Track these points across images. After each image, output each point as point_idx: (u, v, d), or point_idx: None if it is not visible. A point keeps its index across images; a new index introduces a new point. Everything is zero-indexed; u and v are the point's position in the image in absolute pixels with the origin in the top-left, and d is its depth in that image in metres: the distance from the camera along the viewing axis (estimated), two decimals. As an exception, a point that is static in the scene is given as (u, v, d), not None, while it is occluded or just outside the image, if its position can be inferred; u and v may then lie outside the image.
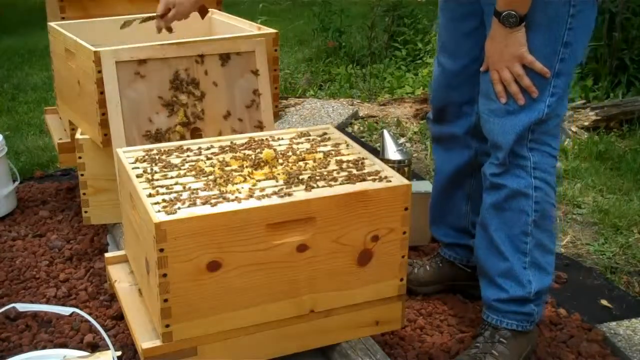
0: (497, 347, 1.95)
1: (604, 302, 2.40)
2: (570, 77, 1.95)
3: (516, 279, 1.94)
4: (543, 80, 1.86)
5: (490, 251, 1.98)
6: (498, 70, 1.88)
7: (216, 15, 2.81)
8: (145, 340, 1.63)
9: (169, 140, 2.21)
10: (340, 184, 1.68)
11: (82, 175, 2.38)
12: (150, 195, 1.62)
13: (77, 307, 2.20)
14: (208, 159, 1.83)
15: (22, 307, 1.78)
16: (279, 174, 1.72)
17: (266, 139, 1.96)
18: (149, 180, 1.70)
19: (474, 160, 2.19)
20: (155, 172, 1.75)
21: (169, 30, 2.36)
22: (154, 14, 2.32)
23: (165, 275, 1.53)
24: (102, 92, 2.18)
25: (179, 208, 1.56)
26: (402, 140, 3.97)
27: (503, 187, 1.92)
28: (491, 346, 1.95)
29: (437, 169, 2.32)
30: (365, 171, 1.75)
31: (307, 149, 1.88)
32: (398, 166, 2.60)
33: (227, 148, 1.89)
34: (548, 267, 1.97)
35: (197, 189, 1.66)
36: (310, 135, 1.98)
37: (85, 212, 2.42)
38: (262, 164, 1.78)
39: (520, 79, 1.85)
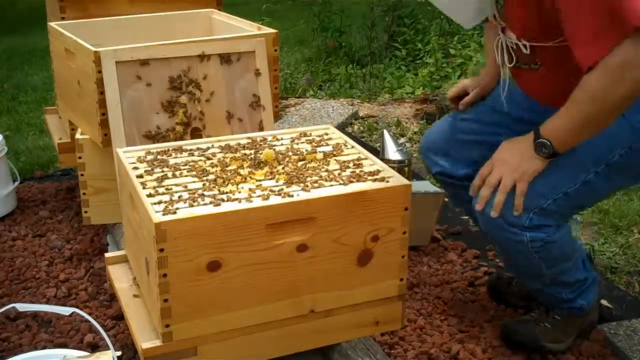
0: (551, 321, 2.09)
1: (604, 302, 2.40)
2: (589, 199, 1.97)
3: (545, 293, 2.08)
4: (562, 182, 1.85)
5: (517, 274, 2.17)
6: (502, 175, 1.85)
7: (216, 15, 2.81)
8: (145, 340, 1.63)
9: (169, 140, 2.21)
10: (341, 184, 1.68)
11: (82, 175, 2.38)
12: (150, 195, 1.62)
13: (77, 307, 2.20)
14: (208, 159, 1.83)
15: (22, 307, 1.78)
16: (279, 174, 1.72)
17: (266, 139, 1.96)
18: (149, 181, 1.70)
19: None
20: (155, 172, 1.74)
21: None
22: None
23: (165, 275, 1.53)
24: (102, 92, 2.18)
25: (178, 208, 1.56)
26: (402, 140, 3.97)
27: (504, 251, 2.03)
28: (545, 318, 2.09)
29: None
30: (365, 171, 1.74)
31: (307, 149, 1.88)
32: (398, 166, 2.60)
33: (227, 148, 1.89)
34: (572, 279, 2.05)
35: (197, 189, 1.66)
36: (310, 135, 1.98)
37: (85, 212, 2.42)
38: (262, 164, 1.78)
39: (518, 196, 1.84)
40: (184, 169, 1.76)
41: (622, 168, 1.88)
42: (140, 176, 1.72)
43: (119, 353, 1.71)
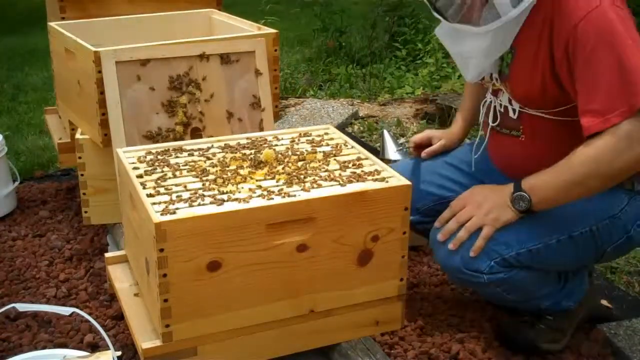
0: (544, 322, 2.07)
1: (604, 302, 2.40)
2: (559, 262, 1.95)
3: (522, 308, 2.10)
4: (529, 238, 1.86)
5: None
6: (473, 215, 1.87)
7: (216, 15, 2.81)
8: (145, 340, 1.63)
9: (169, 140, 2.21)
10: (341, 184, 1.68)
11: (82, 175, 2.38)
12: (150, 195, 1.62)
13: (77, 307, 2.20)
14: (208, 159, 1.83)
15: (22, 307, 1.78)
16: (279, 174, 1.72)
17: (266, 139, 1.96)
18: (149, 181, 1.70)
19: None
20: (155, 172, 1.74)
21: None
22: None
23: (165, 275, 1.53)
24: (102, 92, 2.18)
25: (178, 208, 1.56)
26: (402, 140, 3.97)
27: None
28: (538, 319, 2.08)
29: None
30: (365, 171, 1.74)
31: (307, 149, 1.88)
32: (398, 166, 2.60)
33: (227, 148, 1.89)
34: (546, 294, 2.05)
35: (197, 189, 1.66)
36: (310, 135, 1.98)
37: (85, 212, 2.42)
38: (262, 164, 1.78)
39: (481, 238, 1.85)
40: (184, 169, 1.76)
41: (581, 245, 1.91)
42: (140, 176, 1.72)
43: (119, 353, 1.71)
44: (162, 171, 1.75)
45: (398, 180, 1.70)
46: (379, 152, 2.80)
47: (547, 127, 1.88)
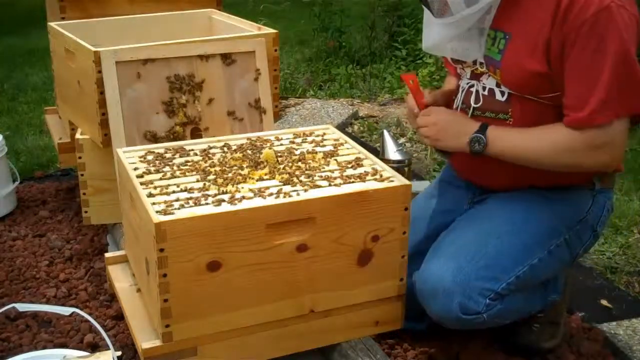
0: (538, 318, 2.09)
1: (604, 302, 2.40)
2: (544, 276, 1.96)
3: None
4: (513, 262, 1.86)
5: None
6: (430, 133, 1.93)
7: (216, 15, 2.81)
8: (145, 340, 1.63)
9: (169, 140, 2.21)
10: (340, 184, 1.68)
11: (82, 175, 2.38)
12: (150, 195, 1.62)
13: (77, 307, 2.20)
14: (208, 159, 1.83)
15: (22, 307, 1.78)
16: (279, 174, 1.72)
17: (266, 139, 1.96)
18: (149, 181, 1.70)
19: None
20: (155, 172, 1.74)
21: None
22: None
23: (165, 275, 1.53)
24: (102, 92, 2.18)
25: (178, 208, 1.56)
26: (402, 140, 3.97)
27: None
28: (534, 318, 2.08)
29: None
30: (365, 171, 1.74)
31: (307, 149, 1.88)
32: (398, 166, 2.60)
33: (227, 148, 1.89)
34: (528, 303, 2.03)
35: (197, 189, 1.66)
36: (310, 135, 1.98)
37: (85, 212, 2.42)
38: (262, 164, 1.78)
39: (431, 144, 1.97)
40: (184, 169, 1.76)
41: (559, 255, 1.93)
42: (140, 176, 1.72)
43: (119, 353, 1.72)
44: (162, 171, 1.75)
45: (398, 180, 1.70)
46: (379, 152, 2.80)
47: (537, 111, 1.86)
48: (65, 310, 1.80)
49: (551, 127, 1.80)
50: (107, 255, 2.02)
